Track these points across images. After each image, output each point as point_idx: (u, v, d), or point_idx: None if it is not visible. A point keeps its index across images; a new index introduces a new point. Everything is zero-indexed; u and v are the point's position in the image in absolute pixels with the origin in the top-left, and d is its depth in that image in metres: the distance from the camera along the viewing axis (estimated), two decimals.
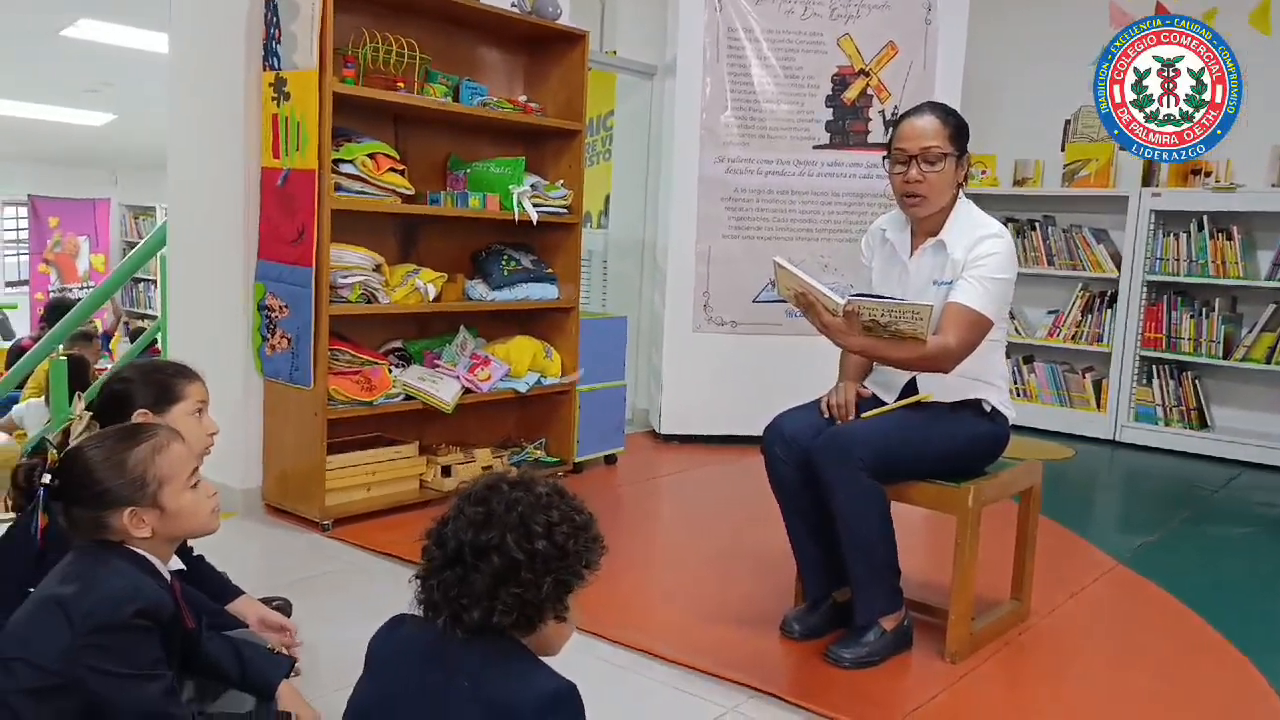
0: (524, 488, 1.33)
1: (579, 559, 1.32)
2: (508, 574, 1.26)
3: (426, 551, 1.34)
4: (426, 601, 1.31)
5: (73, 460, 1.62)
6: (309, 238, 3.11)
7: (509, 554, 1.26)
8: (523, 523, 1.28)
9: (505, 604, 1.25)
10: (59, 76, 8.10)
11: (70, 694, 1.53)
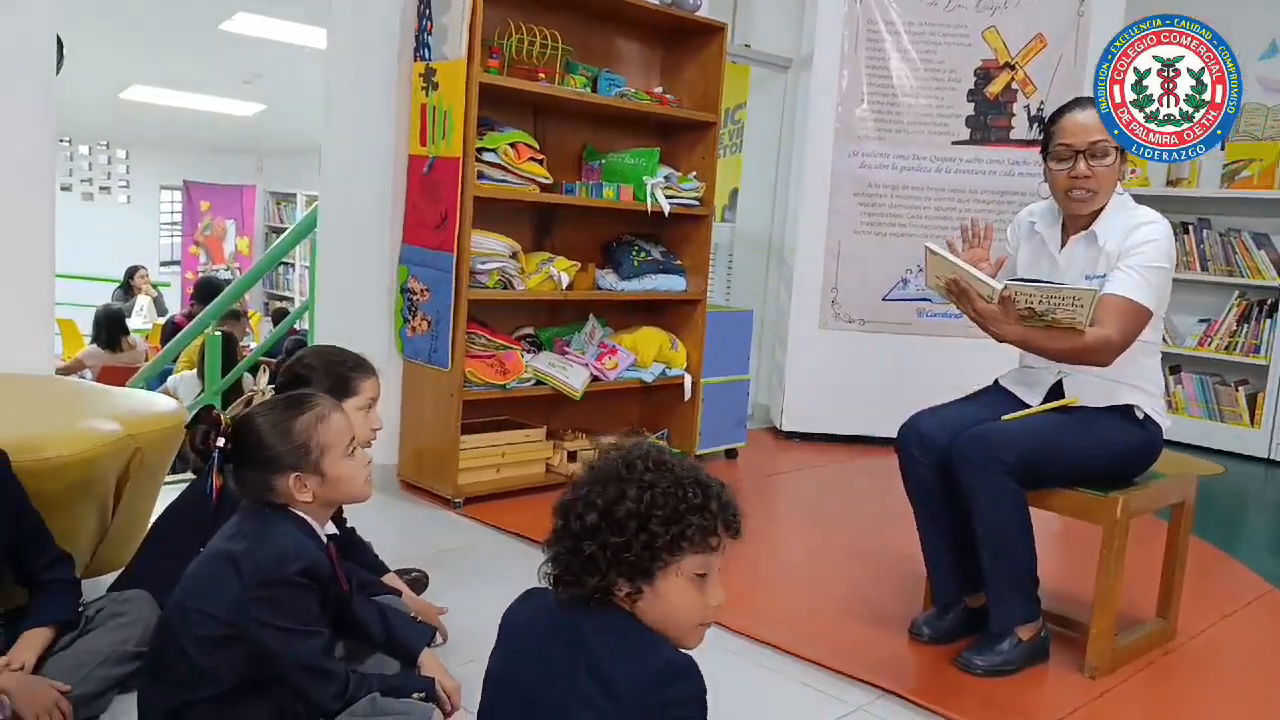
0: (644, 451, 1.32)
1: (670, 524, 1.25)
2: (611, 529, 1.24)
3: (554, 521, 1.35)
4: (552, 577, 1.32)
5: (244, 426, 1.72)
6: (451, 223, 3.21)
7: (604, 520, 1.25)
8: (625, 488, 1.26)
9: (614, 564, 1.24)
10: (216, 68, 8.57)
11: (238, 643, 1.63)
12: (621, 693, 1.21)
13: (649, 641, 1.27)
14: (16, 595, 1.97)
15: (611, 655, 1.24)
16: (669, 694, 1.22)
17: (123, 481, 2.26)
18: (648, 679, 1.22)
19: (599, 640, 1.26)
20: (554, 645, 1.30)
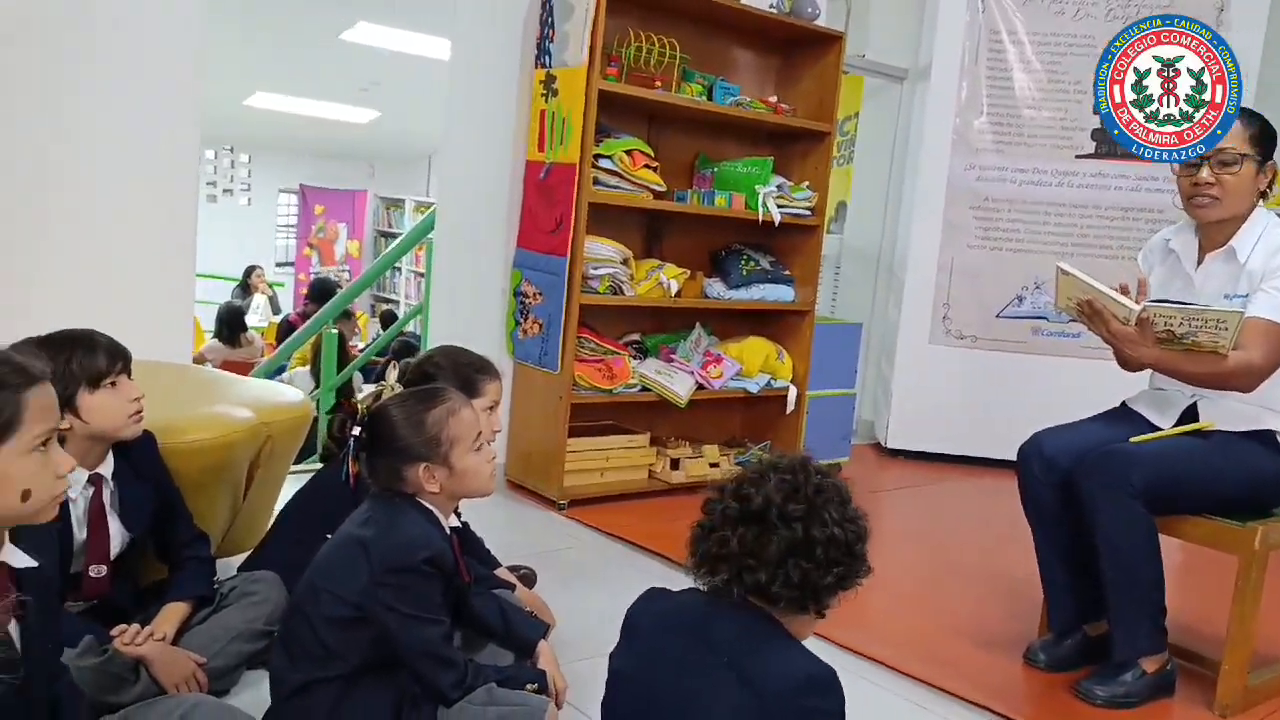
0: (829, 477, 1.35)
1: (861, 563, 1.34)
2: (802, 548, 1.27)
3: (713, 506, 1.36)
4: (707, 554, 1.33)
5: (379, 417, 1.78)
6: (566, 228, 3.26)
7: (810, 529, 1.28)
8: (826, 507, 1.30)
9: (789, 576, 1.27)
10: (335, 77, 8.90)
11: (365, 625, 1.68)
12: (767, 694, 1.22)
13: (796, 650, 1.29)
14: (157, 570, 2.08)
15: (758, 658, 1.25)
16: (813, 702, 1.23)
17: (254, 467, 2.35)
18: (797, 685, 1.23)
19: (743, 643, 1.27)
20: (692, 643, 1.31)
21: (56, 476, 1.24)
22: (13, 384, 1.20)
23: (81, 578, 1.90)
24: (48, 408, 1.24)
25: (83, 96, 2.56)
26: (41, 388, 1.24)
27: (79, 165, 2.58)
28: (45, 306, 2.49)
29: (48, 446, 1.23)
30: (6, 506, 1.20)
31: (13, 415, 1.18)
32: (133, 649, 1.80)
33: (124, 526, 1.95)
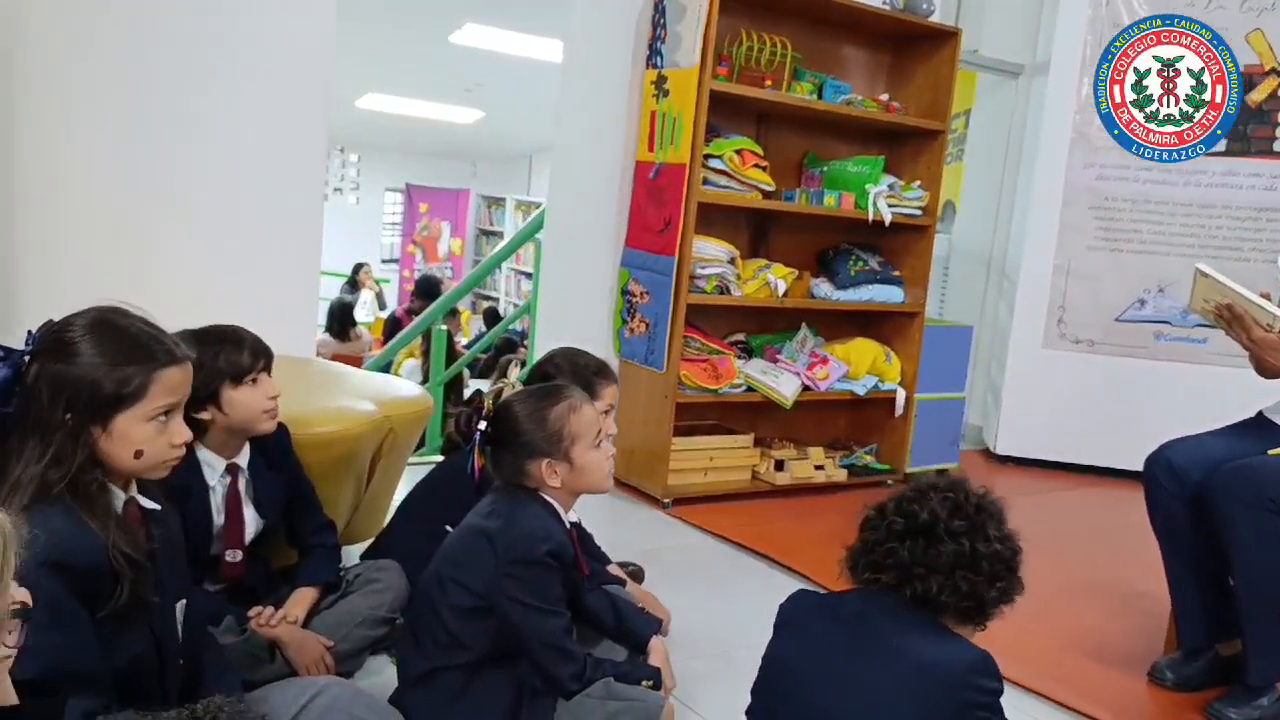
0: (988, 496, 1.40)
1: (1018, 579, 1.39)
2: (969, 561, 1.33)
3: (875, 523, 1.41)
4: (872, 564, 1.38)
5: (504, 412, 1.82)
6: (674, 228, 3.28)
7: (975, 544, 1.33)
8: (987, 524, 1.36)
9: (958, 586, 1.32)
10: (442, 78, 9.10)
11: (489, 615, 1.72)
12: (938, 674, 1.28)
13: (954, 635, 1.35)
14: (286, 555, 2.17)
15: (927, 642, 1.32)
16: (980, 682, 1.28)
17: (376, 458, 2.43)
18: (969, 664, 1.29)
19: (910, 628, 1.33)
20: (855, 630, 1.36)
21: (171, 444, 1.41)
22: (154, 360, 1.37)
23: (219, 561, 1.99)
24: (174, 386, 1.40)
25: (214, 97, 2.68)
26: (177, 368, 1.40)
27: (211, 163, 2.71)
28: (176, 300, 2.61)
29: (169, 418, 1.40)
30: (122, 460, 1.37)
31: (140, 387, 1.36)
32: (268, 630, 1.88)
33: (258, 514, 2.03)
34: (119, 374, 1.34)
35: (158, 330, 1.40)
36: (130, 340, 1.36)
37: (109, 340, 1.35)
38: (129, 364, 1.35)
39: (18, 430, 1.33)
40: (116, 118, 2.54)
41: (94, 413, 1.33)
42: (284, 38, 2.76)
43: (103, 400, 1.33)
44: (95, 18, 2.48)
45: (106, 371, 1.33)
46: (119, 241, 2.58)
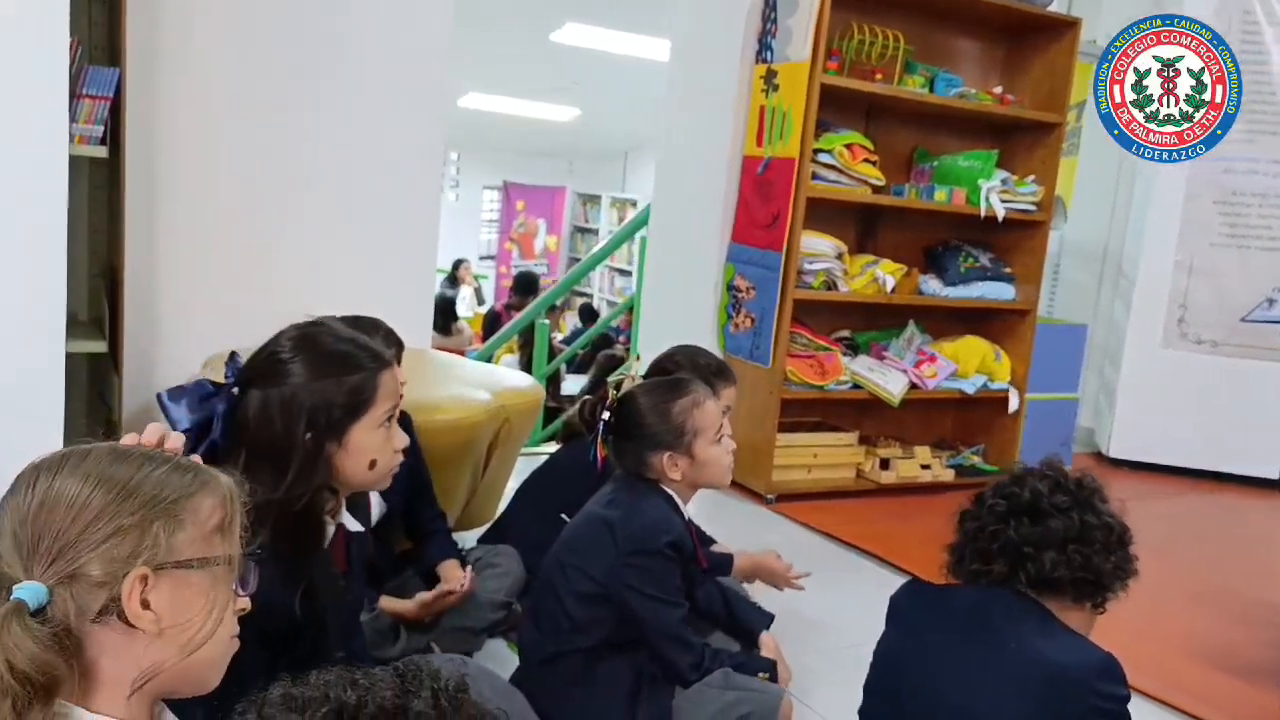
0: (1088, 474, 1.37)
1: (1131, 555, 1.34)
2: (1080, 534, 1.29)
3: (973, 512, 1.39)
4: (979, 550, 1.35)
5: (627, 403, 1.84)
6: (782, 223, 3.27)
7: (1084, 516, 1.30)
8: (1091, 498, 1.33)
9: (1070, 560, 1.29)
10: (541, 76, 9.23)
11: (609, 603, 1.75)
12: (1060, 677, 1.23)
13: (1082, 638, 1.30)
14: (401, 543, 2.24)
15: (1047, 642, 1.27)
16: (1105, 688, 1.24)
17: (493, 447, 2.49)
18: (1093, 669, 1.24)
19: (1027, 628, 1.29)
20: (968, 627, 1.33)
21: (395, 450, 1.41)
22: (370, 367, 1.37)
23: None
24: (392, 389, 1.41)
25: (340, 96, 2.77)
26: (390, 371, 1.40)
27: (337, 162, 2.80)
28: (302, 291, 2.72)
29: (390, 423, 1.40)
30: (356, 473, 1.37)
31: (370, 394, 1.36)
32: (396, 606, 1.95)
33: (381, 498, 2.10)
34: (346, 385, 1.34)
35: (359, 336, 1.42)
36: (341, 352, 1.37)
37: (321, 355, 1.35)
38: (351, 374, 1.35)
39: (234, 458, 1.32)
40: (248, 117, 2.66)
41: (331, 428, 1.32)
42: (405, 38, 2.84)
43: (339, 414, 1.33)
44: (229, 22, 2.59)
45: (334, 384, 1.33)
46: (250, 239, 2.70)
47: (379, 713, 0.55)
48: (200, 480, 0.89)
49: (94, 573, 0.81)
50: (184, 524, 0.86)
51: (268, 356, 1.39)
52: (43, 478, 0.84)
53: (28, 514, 0.82)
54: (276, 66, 2.67)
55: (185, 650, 0.85)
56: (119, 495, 0.83)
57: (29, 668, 0.76)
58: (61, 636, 0.79)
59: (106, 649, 0.83)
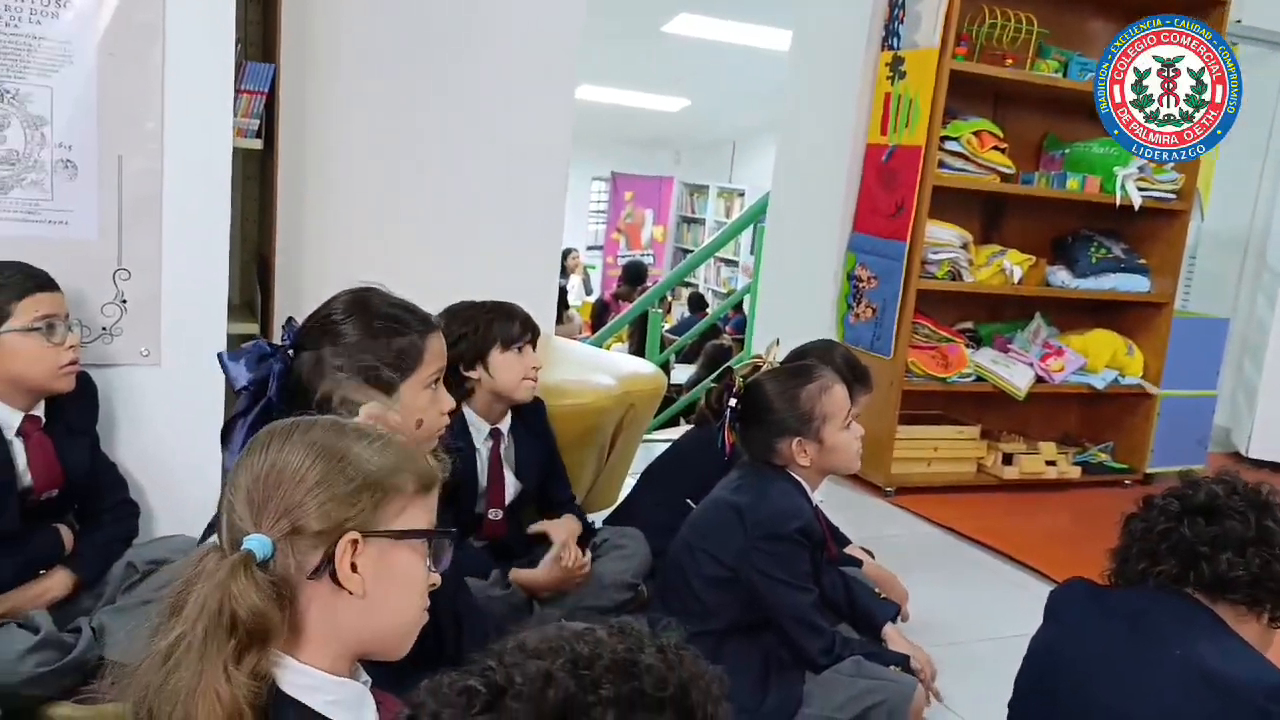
0: (1263, 483, 1.32)
1: None
2: (1259, 537, 1.24)
3: (1140, 515, 1.35)
4: (1148, 550, 1.31)
5: (755, 389, 1.86)
6: (907, 212, 3.22)
7: (1262, 520, 1.25)
8: (1269, 503, 1.28)
9: (1249, 563, 1.24)
10: (651, 67, 9.27)
11: (738, 586, 1.77)
12: (1231, 689, 1.18)
13: (1255, 651, 1.26)
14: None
15: (1218, 651, 1.22)
16: (1277, 710, 1.17)
17: (617, 432, 2.54)
18: (1261, 685, 1.18)
19: (1196, 634, 1.25)
20: (1131, 630, 1.29)
21: (441, 413, 1.50)
22: (418, 330, 1.47)
23: (483, 519, 2.15)
24: (439, 352, 1.50)
25: (470, 88, 2.84)
26: (436, 335, 1.50)
27: (466, 151, 2.88)
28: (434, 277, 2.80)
29: (437, 386, 1.50)
30: (406, 431, 1.40)
31: (416, 355, 1.46)
32: (526, 577, 2.01)
33: (516, 477, 2.17)
34: (394, 346, 1.42)
35: (409, 302, 1.50)
36: (390, 315, 1.45)
37: (372, 317, 1.44)
38: (399, 335, 1.44)
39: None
40: (386, 111, 2.76)
41: (379, 387, 1.39)
42: (535, 32, 2.90)
43: (387, 373, 1.41)
44: (372, 20, 2.70)
45: (384, 345, 1.42)
46: (386, 228, 2.81)
47: (612, 664, 0.58)
48: (406, 456, 0.95)
49: (313, 530, 0.89)
50: (390, 498, 0.93)
51: (321, 319, 1.47)
52: (274, 443, 0.93)
53: (260, 475, 0.91)
54: (414, 62, 2.76)
55: (383, 616, 0.92)
56: (337, 464, 0.91)
57: (248, 616, 0.83)
58: (280, 587, 0.87)
59: (316, 605, 0.91)
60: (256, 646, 0.84)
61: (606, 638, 0.61)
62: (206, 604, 0.84)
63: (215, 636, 0.83)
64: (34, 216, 1.86)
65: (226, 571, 0.85)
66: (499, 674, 0.58)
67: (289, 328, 1.50)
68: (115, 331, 1.98)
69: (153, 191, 1.94)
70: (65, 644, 1.64)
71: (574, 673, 0.57)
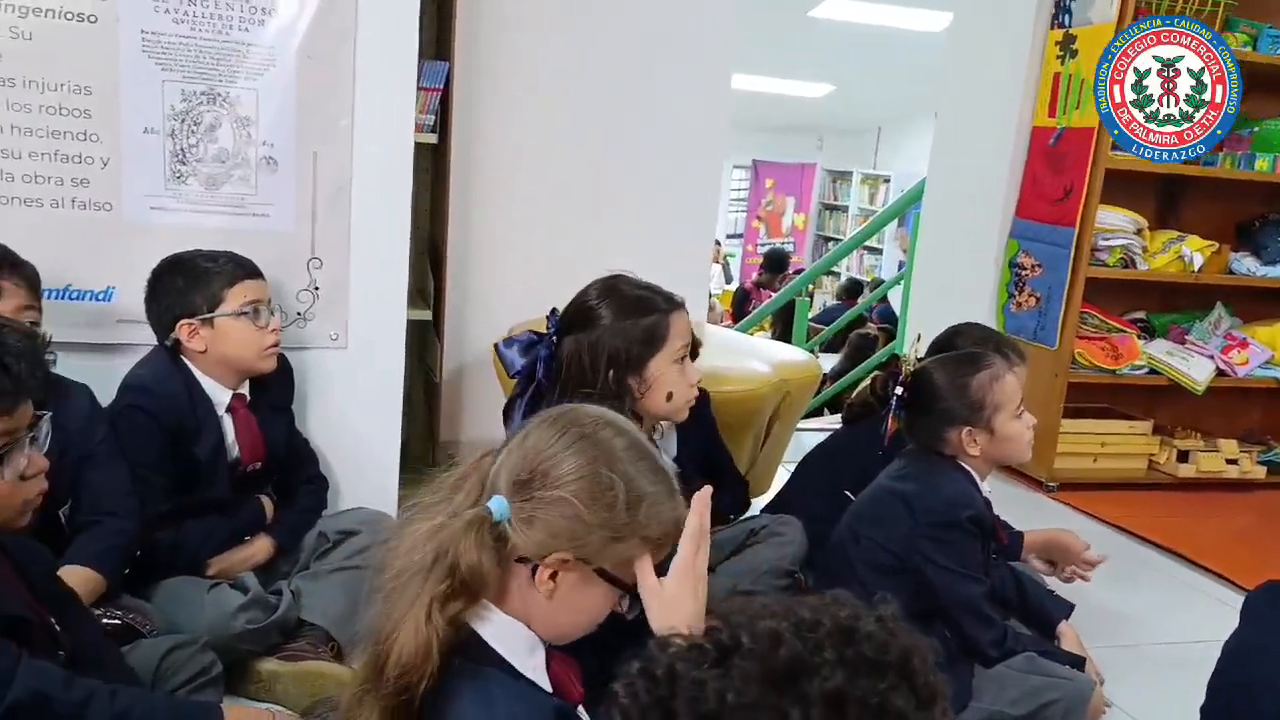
0: None
1: None
2: None
3: None
4: None
5: (922, 378, 1.84)
6: (1076, 197, 3.09)
7: None
8: None
9: None
10: (797, 53, 9.15)
11: (905, 574, 1.75)
12: None
13: None
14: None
15: None
16: None
17: (773, 419, 2.55)
18: None
19: None
20: None
21: (689, 384, 1.65)
22: (664, 308, 1.63)
23: None
24: (684, 329, 1.64)
25: (629, 82, 2.89)
26: (681, 313, 1.65)
27: (626, 145, 2.93)
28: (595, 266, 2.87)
29: (684, 360, 1.63)
30: (656, 404, 1.60)
31: (664, 331, 1.61)
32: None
33: (677, 463, 2.21)
34: (642, 325, 1.58)
35: (654, 285, 1.65)
36: (638, 296, 1.61)
37: (623, 300, 1.60)
38: (646, 315, 1.59)
39: (553, 397, 1.56)
40: (550, 106, 2.84)
41: (630, 364, 1.57)
42: (694, 21, 2.92)
43: (636, 350, 1.57)
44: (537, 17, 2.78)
45: (632, 325, 1.58)
46: (550, 219, 2.89)
47: (835, 628, 0.60)
48: (670, 505, 0.99)
49: (545, 531, 0.95)
50: (626, 543, 0.97)
51: (579, 306, 1.64)
52: (563, 437, 0.98)
53: (540, 453, 0.97)
54: (575, 56, 2.83)
55: (558, 618, 0.99)
56: (599, 493, 0.96)
57: (466, 569, 0.91)
58: (498, 551, 0.93)
59: (515, 582, 0.98)
60: (464, 597, 0.91)
61: (826, 605, 0.63)
62: (439, 545, 0.92)
63: (433, 576, 0.91)
64: (240, 210, 2.01)
65: (462, 524, 0.93)
66: (725, 633, 0.61)
67: (553, 317, 1.68)
68: (309, 316, 2.12)
69: (343, 184, 2.07)
70: (270, 604, 1.78)
71: (799, 634, 0.60)
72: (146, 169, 1.93)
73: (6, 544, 1.24)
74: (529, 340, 1.68)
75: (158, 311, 1.84)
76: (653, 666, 0.61)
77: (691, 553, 0.98)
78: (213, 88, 1.94)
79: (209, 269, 1.83)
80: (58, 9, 1.82)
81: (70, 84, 1.85)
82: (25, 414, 1.13)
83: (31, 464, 1.15)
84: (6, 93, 1.82)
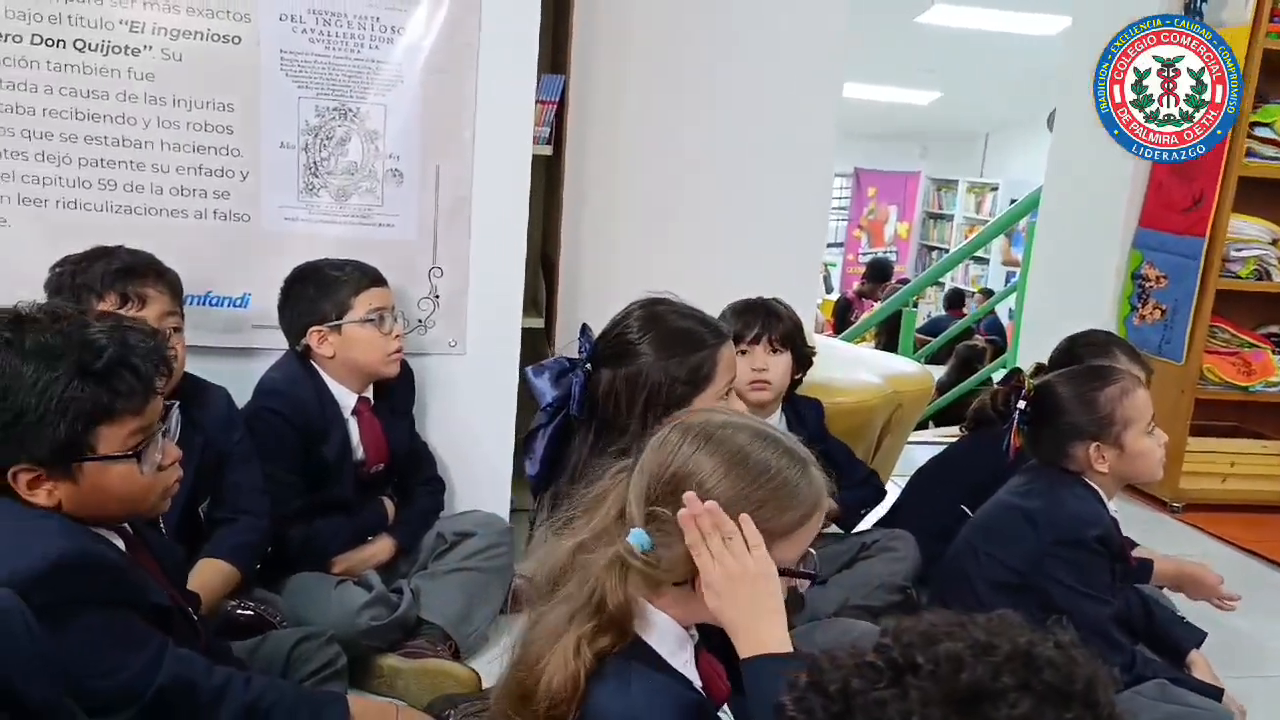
0: None
1: None
2: None
3: None
4: None
5: (1046, 391, 1.79)
6: (1206, 205, 2.96)
7: None
8: None
9: None
10: (904, 60, 8.99)
11: (1027, 593, 1.70)
12: None
13: None
14: None
15: None
16: None
17: (884, 430, 2.52)
18: None
19: None
20: None
21: None
22: (712, 343, 1.52)
23: None
24: (731, 363, 1.56)
25: (738, 93, 2.89)
26: (727, 345, 1.55)
27: (735, 155, 2.93)
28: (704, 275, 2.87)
29: (729, 396, 1.55)
30: None
31: (710, 369, 1.51)
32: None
33: None
34: (688, 364, 1.48)
35: (699, 312, 1.55)
36: (683, 329, 1.51)
37: (667, 334, 1.50)
38: (692, 351, 1.49)
39: (586, 434, 1.51)
40: (660, 117, 2.86)
41: (672, 404, 1.46)
42: (804, 32, 2.91)
43: (680, 390, 1.48)
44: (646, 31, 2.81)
45: (677, 364, 1.48)
46: (659, 229, 2.91)
47: (1013, 653, 0.59)
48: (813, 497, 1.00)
49: None
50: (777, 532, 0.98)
51: (617, 337, 1.53)
52: (696, 437, 0.99)
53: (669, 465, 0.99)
54: (686, 68, 2.84)
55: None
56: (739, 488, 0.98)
57: (614, 607, 0.92)
58: (647, 579, 0.94)
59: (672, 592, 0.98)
60: (613, 632, 0.92)
61: (999, 627, 0.62)
62: (583, 578, 0.94)
63: (581, 614, 0.92)
64: (367, 220, 2.09)
65: (605, 562, 0.94)
66: (897, 651, 0.60)
67: (585, 336, 1.60)
68: (429, 324, 2.18)
69: (464, 196, 2.13)
70: (392, 602, 1.84)
71: (980, 658, 0.59)
72: (282, 181, 2.02)
73: (149, 539, 1.32)
74: (560, 368, 1.59)
75: (290, 319, 1.93)
76: (825, 682, 0.61)
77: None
78: (344, 104, 2.02)
79: (337, 278, 1.91)
80: (205, 31, 1.93)
81: (215, 101, 1.96)
82: (156, 409, 1.18)
83: (166, 454, 1.21)
84: (159, 110, 1.93)
